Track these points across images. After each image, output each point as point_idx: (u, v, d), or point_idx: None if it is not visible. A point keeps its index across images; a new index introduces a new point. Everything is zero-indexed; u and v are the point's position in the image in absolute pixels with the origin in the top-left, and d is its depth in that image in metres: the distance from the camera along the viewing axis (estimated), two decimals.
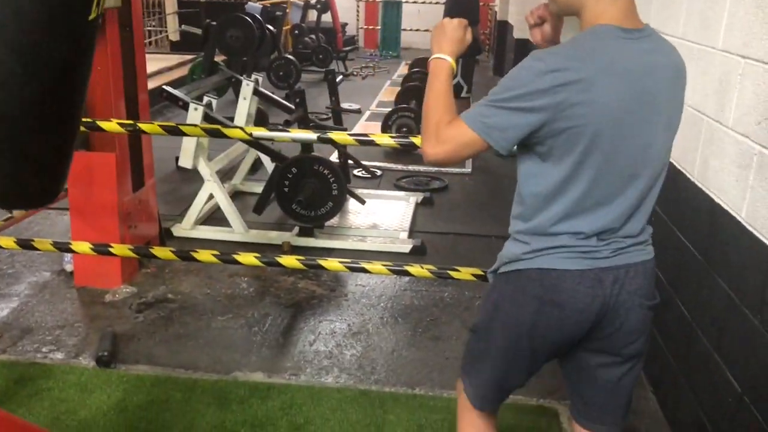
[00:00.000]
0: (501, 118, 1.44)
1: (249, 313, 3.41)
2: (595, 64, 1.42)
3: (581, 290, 1.53)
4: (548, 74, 1.40)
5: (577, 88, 1.40)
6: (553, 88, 1.39)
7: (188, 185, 5.04)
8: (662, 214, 2.84)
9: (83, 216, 3.49)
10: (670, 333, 2.69)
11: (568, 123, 1.42)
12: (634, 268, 1.57)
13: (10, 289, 3.57)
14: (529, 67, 1.43)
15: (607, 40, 1.45)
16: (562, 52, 1.45)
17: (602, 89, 1.41)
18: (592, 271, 1.53)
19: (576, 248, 1.53)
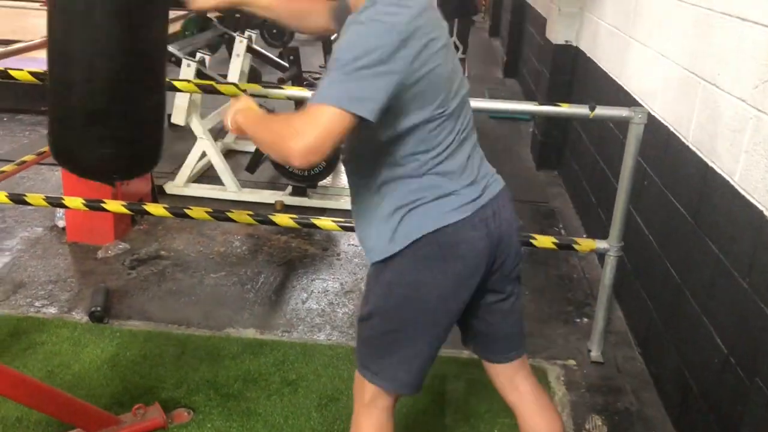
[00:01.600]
0: (368, 88, 1.34)
1: (242, 271, 3.43)
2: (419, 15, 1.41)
3: (475, 235, 1.55)
4: (392, 31, 1.36)
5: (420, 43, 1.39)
6: (401, 44, 1.36)
7: (181, 143, 5.00)
8: (654, 177, 2.85)
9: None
10: (657, 294, 2.72)
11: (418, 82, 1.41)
12: (501, 198, 1.64)
13: (2, 244, 3.56)
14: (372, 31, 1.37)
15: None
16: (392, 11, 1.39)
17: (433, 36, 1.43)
18: (476, 213, 1.56)
19: (456, 195, 1.54)
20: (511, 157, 5.31)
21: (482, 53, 10.03)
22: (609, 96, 3.66)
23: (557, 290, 3.41)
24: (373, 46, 1.34)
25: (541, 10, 6.33)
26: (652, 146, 2.83)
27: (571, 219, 4.27)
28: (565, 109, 2.70)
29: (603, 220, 3.51)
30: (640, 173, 2.86)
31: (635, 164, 2.56)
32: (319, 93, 1.35)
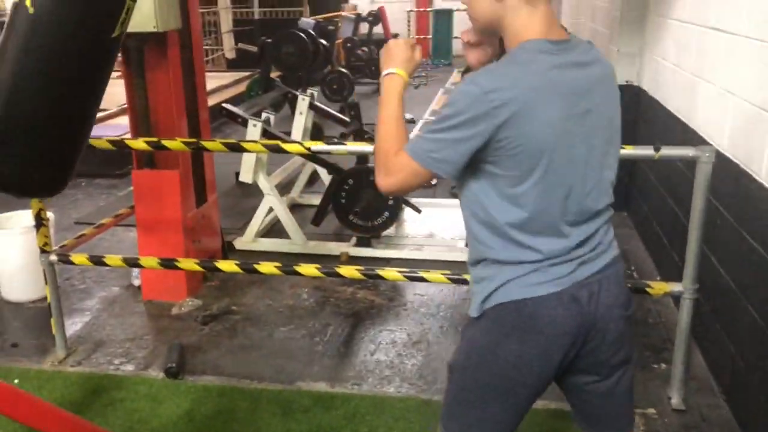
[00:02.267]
0: (446, 151, 1.42)
1: (310, 324, 3.46)
2: (529, 81, 1.39)
3: (560, 313, 1.49)
4: (484, 96, 1.37)
5: (514, 107, 1.37)
6: (491, 110, 1.37)
7: (248, 199, 5.15)
8: (727, 215, 2.76)
9: (149, 232, 3.61)
10: (740, 337, 2.61)
11: (511, 143, 1.39)
12: (606, 277, 1.54)
13: (83, 304, 3.72)
14: (466, 92, 1.40)
15: (538, 56, 1.43)
16: (495, 72, 1.42)
17: (539, 107, 1.39)
18: (567, 290, 1.49)
19: (546, 270, 1.48)
20: None
21: None
22: (675, 134, 3.59)
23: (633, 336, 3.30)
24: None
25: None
26: (722, 184, 2.75)
27: (644, 261, 4.15)
28: (630, 151, 2.66)
29: (676, 262, 3.40)
30: (711, 212, 2.78)
31: (705, 203, 2.49)
32: (414, 142, 1.47)
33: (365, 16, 12.26)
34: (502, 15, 1.47)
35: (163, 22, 3.17)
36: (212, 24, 12.23)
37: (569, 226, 1.49)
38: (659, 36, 4.15)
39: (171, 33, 3.37)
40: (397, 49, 1.62)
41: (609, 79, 1.54)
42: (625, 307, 1.58)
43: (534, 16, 1.45)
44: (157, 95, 3.47)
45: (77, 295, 3.82)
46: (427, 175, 1.47)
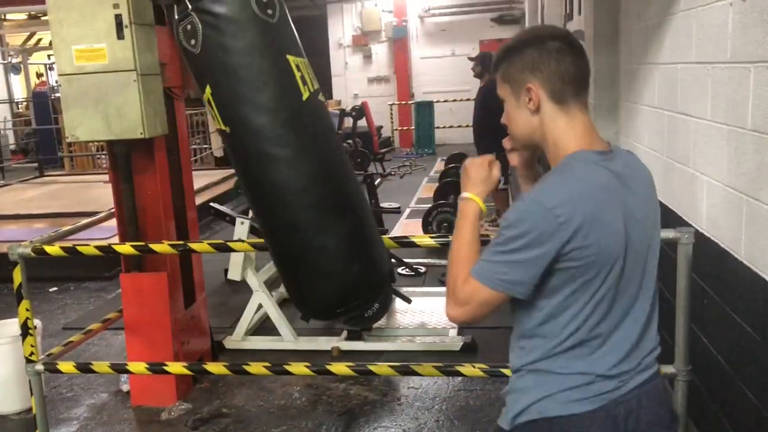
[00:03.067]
0: (518, 272, 1.41)
1: (303, 424, 3.39)
2: (590, 192, 1.41)
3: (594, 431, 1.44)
4: (549, 213, 1.38)
5: (579, 219, 1.38)
6: (558, 226, 1.37)
7: (237, 296, 5.13)
8: (713, 295, 2.78)
9: (138, 335, 3.58)
10: (738, 419, 2.57)
11: (573, 260, 1.40)
12: (645, 393, 1.49)
13: (70, 413, 3.63)
14: (530, 211, 1.40)
15: (591, 165, 1.45)
16: (554, 186, 1.44)
17: (604, 217, 1.41)
18: (603, 408, 1.44)
19: (583, 387, 1.45)
20: None
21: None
22: None
23: None
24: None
25: None
26: (705, 264, 2.79)
27: None
28: None
29: (668, 342, 3.39)
30: (697, 292, 2.80)
31: (689, 284, 2.52)
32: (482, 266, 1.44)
33: (349, 111, 12.58)
34: (541, 128, 1.51)
35: (150, 129, 3.25)
36: (201, 124, 12.51)
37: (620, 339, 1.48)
38: (633, 121, 4.29)
39: (158, 138, 3.45)
40: (473, 170, 1.61)
41: (650, 184, 1.59)
42: (665, 425, 1.53)
43: (573, 125, 1.49)
44: (144, 198, 3.52)
45: (64, 404, 3.73)
46: (498, 299, 1.44)
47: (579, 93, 1.50)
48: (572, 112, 1.49)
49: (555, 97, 1.48)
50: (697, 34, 2.96)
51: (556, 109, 1.49)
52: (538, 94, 1.49)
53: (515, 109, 1.55)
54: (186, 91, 3.84)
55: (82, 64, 3.16)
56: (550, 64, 1.47)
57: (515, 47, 1.52)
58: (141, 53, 3.19)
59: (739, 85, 2.46)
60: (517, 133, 1.57)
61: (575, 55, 1.49)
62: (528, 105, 1.50)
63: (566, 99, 1.49)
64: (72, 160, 12.99)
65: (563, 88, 1.48)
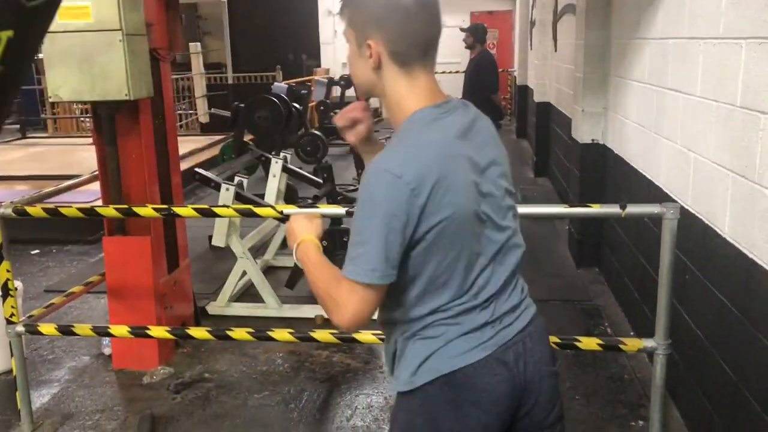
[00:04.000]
0: (381, 256, 1.34)
1: (285, 390, 3.40)
2: (435, 159, 1.37)
3: (489, 380, 1.44)
4: (399, 182, 1.33)
5: (430, 183, 1.34)
6: (410, 194, 1.33)
7: (221, 263, 5.12)
8: (695, 270, 2.81)
9: (120, 299, 3.56)
10: (714, 392, 2.62)
11: (431, 225, 1.36)
12: (529, 335, 1.51)
13: (51, 375, 3.62)
14: (380, 182, 1.35)
15: (431, 125, 1.42)
16: (398, 153, 1.39)
17: (451, 175, 1.37)
18: (493, 355, 1.45)
19: (471, 334, 1.44)
20: (549, 256, 5.29)
21: (511, 154, 10.04)
22: (641, 191, 3.68)
23: (609, 393, 3.30)
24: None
25: (566, 111, 6.49)
26: (689, 240, 2.81)
27: (617, 316, 4.18)
28: (597, 209, 2.71)
29: (649, 317, 3.43)
30: (680, 267, 2.82)
31: (673, 259, 2.53)
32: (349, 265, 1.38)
33: (337, 80, 12.48)
34: (381, 85, 1.47)
35: (135, 91, 3.20)
36: (186, 89, 12.35)
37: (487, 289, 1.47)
38: (621, 96, 4.29)
39: (143, 101, 3.40)
40: (295, 225, 1.60)
41: (494, 132, 1.56)
42: (552, 363, 1.57)
43: (414, 86, 1.44)
44: (128, 162, 3.48)
45: (45, 366, 3.72)
46: (378, 290, 1.37)
47: (426, 55, 1.44)
48: (415, 74, 1.44)
49: (397, 58, 1.42)
50: (690, 9, 2.94)
51: (398, 70, 1.43)
52: (378, 52, 1.42)
53: (357, 58, 1.47)
54: (172, 53, 3.78)
55: (65, 22, 3.09)
56: (398, 24, 1.40)
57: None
58: (127, 12, 3.12)
59: (730, 62, 2.45)
60: (357, 81, 1.52)
61: (427, 14, 1.41)
62: (368, 60, 1.44)
63: (410, 61, 1.43)
64: (55, 122, 12.81)
65: (407, 50, 1.42)
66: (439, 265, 1.41)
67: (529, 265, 1.72)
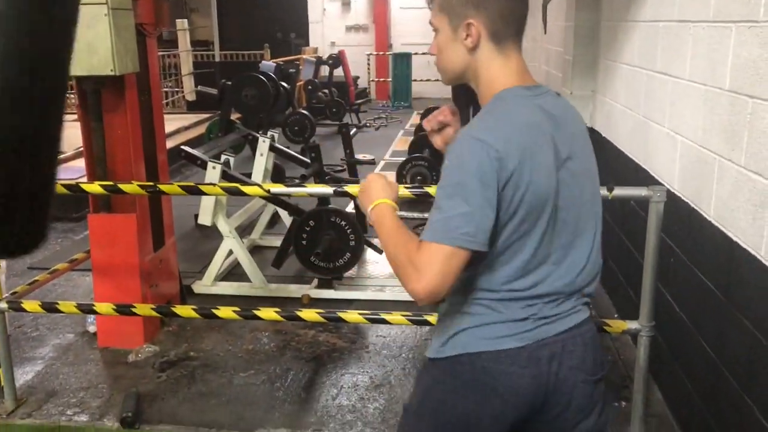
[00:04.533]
0: (473, 221, 1.32)
1: (270, 369, 3.41)
2: (522, 135, 1.37)
3: (518, 372, 1.42)
4: (490, 149, 1.33)
5: (514, 161, 1.34)
6: (498, 163, 1.33)
7: (208, 242, 5.10)
8: (680, 253, 2.83)
9: (105, 277, 3.54)
10: (695, 373, 2.65)
11: (509, 201, 1.36)
12: (571, 338, 1.47)
13: (35, 352, 3.60)
14: (471, 149, 1.35)
15: (520, 103, 1.42)
16: (488, 123, 1.39)
17: (537, 152, 1.38)
18: (526, 348, 1.43)
19: (509, 323, 1.43)
20: None
21: None
22: (628, 174, 3.69)
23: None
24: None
25: None
26: (674, 223, 2.83)
27: (601, 299, 4.21)
28: None
29: (633, 299, 3.46)
30: (665, 251, 2.84)
31: (658, 242, 2.55)
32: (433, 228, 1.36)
33: (326, 60, 12.40)
34: (475, 66, 1.46)
35: (121, 66, 3.16)
36: (173, 66, 12.23)
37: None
38: (610, 79, 4.29)
39: (128, 76, 3.36)
40: (373, 184, 1.57)
41: (581, 124, 1.55)
42: (591, 372, 1.51)
43: (507, 66, 1.45)
44: (114, 138, 3.44)
45: (29, 343, 3.70)
46: (462, 258, 1.32)
47: (518, 33, 1.46)
48: (508, 52, 1.45)
49: (495, 37, 1.43)
50: None
51: (494, 48, 1.44)
52: (479, 31, 1.43)
53: (450, 42, 1.47)
54: (158, 29, 3.72)
55: None
56: (496, 3, 1.42)
57: None
58: None
59: (720, 45, 2.45)
60: (449, 68, 1.50)
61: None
62: (465, 41, 1.44)
63: (505, 39, 1.44)
64: None
65: (504, 28, 1.43)
66: (506, 241, 1.39)
67: None
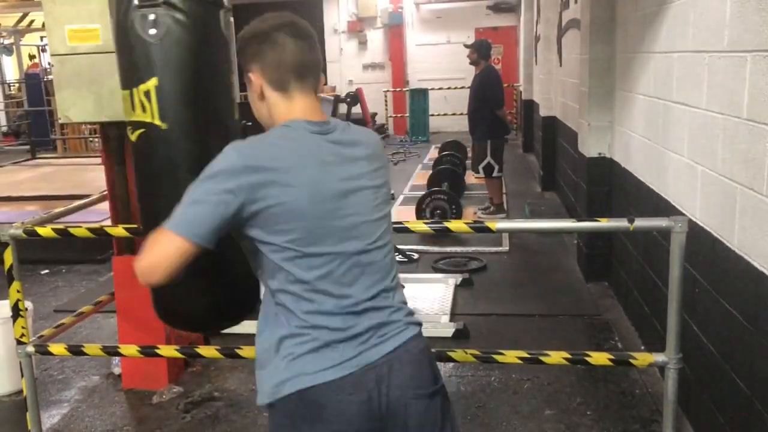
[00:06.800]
0: (198, 213, 1.42)
1: None
2: (284, 148, 1.48)
3: (345, 399, 1.44)
4: (240, 155, 1.44)
5: (268, 174, 1.43)
6: (243, 169, 1.42)
7: None
8: (705, 283, 2.80)
9: (129, 318, 3.57)
10: (727, 407, 2.59)
11: (267, 206, 1.43)
12: (397, 358, 1.50)
13: (61, 395, 3.62)
14: (225, 153, 1.46)
15: (298, 131, 1.52)
16: (252, 142, 1.49)
17: (293, 171, 1.45)
18: (352, 376, 1.45)
19: (327, 350, 1.46)
20: (558, 270, 5.25)
21: (519, 168, 10.23)
22: (648, 205, 3.67)
23: (621, 408, 3.27)
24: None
25: (572, 125, 6.49)
26: (698, 253, 2.80)
27: (627, 331, 4.15)
28: (605, 224, 2.71)
29: (659, 331, 3.41)
30: (689, 281, 2.81)
31: (682, 273, 2.52)
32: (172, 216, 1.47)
33: (344, 98, 12.52)
34: (267, 111, 1.59)
35: None
36: None
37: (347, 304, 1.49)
38: (627, 110, 4.29)
39: None
40: None
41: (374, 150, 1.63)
42: (424, 386, 1.54)
43: (293, 105, 1.57)
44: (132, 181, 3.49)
45: (56, 386, 3.73)
46: (181, 247, 1.40)
47: (302, 79, 1.57)
48: (293, 96, 1.57)
49: (275, 84, 1.57)
50: (694, 22, 2.95)
51: (278, 95, 1.57)
52: (259, 82, 1.58)
53: (251, 95, 1.63)
54: None
55: (75, 44, 3.12)
56: (269, 54, 1.55)
57: (243, 40, 1.59)
58: None
59: (736, 74, 2.45)
60: (257, 115, 1.65)
61: (297, 43, 1.56)
62: (254, 91, 1.60)
63: (287, 86, 1.57)
64: (64, 143, 12.91)
65: (282, 76, 1.56)
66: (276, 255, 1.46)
67: (538, 279, 1.71)
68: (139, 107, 2.13)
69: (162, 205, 1.74)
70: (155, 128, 2.12)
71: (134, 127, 2.19)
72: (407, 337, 1.54)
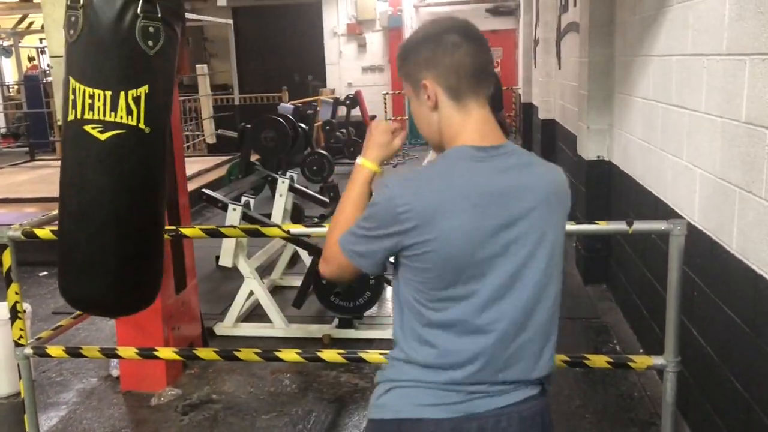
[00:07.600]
0: (366, 246, 1.44)
1: (293, 411, 3.39)
2: (436, 188, 1.37)
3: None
4: (390, 201, 1.37)
5: (416, 216, 1.35)
6: (396, 217, 1.36)
7: (229, 283, 5.12)
8: (703, 286, 2.80)
9: (128, 320, 3.56)
10: (725, 410, 2.59)
11: (419, 249, 1.36)
12: (507, 415, 1.39)
13: (59, 397, 3.62)
14: (381, 196, 1.40)
15: (459, 163, 1.40)
16: (406, 177, 1.41)
17: (445, 215, 1.35)
18: (451, 420, 1.38)
19: (438, 390, 1.39)
20: None
21: None
22: (647, 208, 3.67)
23: (619, 410, 3.27)
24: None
25: (571, 128, 6.50)
26: (696, 256, 2.80)
27: (626, 333, 4.15)
28: (604, 226, 2.71)
29: (657, 334, 3.41)
30: (688, 284, 2.81)
31: (680, 275, 2.52)
32: (345, 234, 1.49)
33: (343, 100, 12.54)
34: (438, 124, 1.46)
35: None
36: (193, 110, 12.43)
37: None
38: (626, 113, 4.30)
39: None
40: (377, 134, 1.59)
41: (547, 187, 1.48)
42: None
43: (467, 122, 1.44)
44: None
45: (54, 388, 3.72)
46: (351, 267, 1.48)
47: (477, 86, 1.44)
48: (468, 108, 1.44)
49: (451, 92, 1.43)
50: (693, 25, 2.96)
51: (453, 105, 1.44)
52: (434, 90, 1.44)
53: (418, 107, 1.49)
54: (179, 76, 3.81)
55: None
56: (445, 59, 1.42)
57: (411, 44, 1.48)
58: None
59: (734, 78, 2.46)
60: (422, 131, 1.52)
61: (472, 46, 1.43)
62: (427, 102, 1.45)
63: (463, 95, 1.44)
64: None
65: (459, 82, 1.43)
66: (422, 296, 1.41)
67: None
68: (124, 110, 2.15)
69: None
70: (138, 131, 2.14)
71: (107, 127, 2.17)
72: (530, 395, 1.44)
